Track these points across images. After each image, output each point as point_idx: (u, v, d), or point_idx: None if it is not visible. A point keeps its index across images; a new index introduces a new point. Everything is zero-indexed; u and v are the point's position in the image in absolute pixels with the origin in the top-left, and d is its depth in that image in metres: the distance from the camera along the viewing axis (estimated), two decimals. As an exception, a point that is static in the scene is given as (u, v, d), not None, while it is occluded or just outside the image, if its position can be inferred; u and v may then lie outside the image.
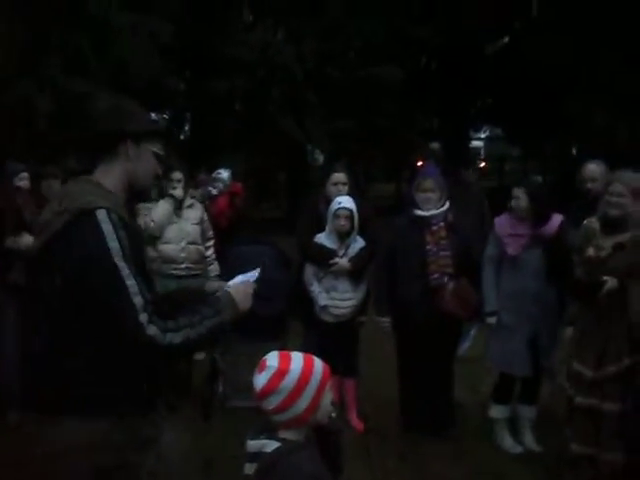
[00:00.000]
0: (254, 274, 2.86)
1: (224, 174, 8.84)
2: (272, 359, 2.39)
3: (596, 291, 4.24)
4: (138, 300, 2.40)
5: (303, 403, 2.35)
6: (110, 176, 2.64)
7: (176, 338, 2.44)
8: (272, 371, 2.35)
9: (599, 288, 4.22)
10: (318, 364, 2.42)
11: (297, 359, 2.40)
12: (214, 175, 8.87)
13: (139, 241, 2.67)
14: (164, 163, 2.81)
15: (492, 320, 5.26)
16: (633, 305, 4.21)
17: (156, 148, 2.73)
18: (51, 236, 2.48)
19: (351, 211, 5.56)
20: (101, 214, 2.45)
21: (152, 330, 2.39)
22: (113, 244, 2.42)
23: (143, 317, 2.39)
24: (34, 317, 2.59)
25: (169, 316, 2.49)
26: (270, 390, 2.34)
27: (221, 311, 2.59)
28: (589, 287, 4.32)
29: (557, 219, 5.13)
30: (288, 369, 2.35)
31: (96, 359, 2.48)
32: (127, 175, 2.66)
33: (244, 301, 2.69)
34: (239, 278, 2.82)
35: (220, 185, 8.65)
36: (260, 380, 2.36)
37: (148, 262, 2.88)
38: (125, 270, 2.41)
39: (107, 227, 2.43)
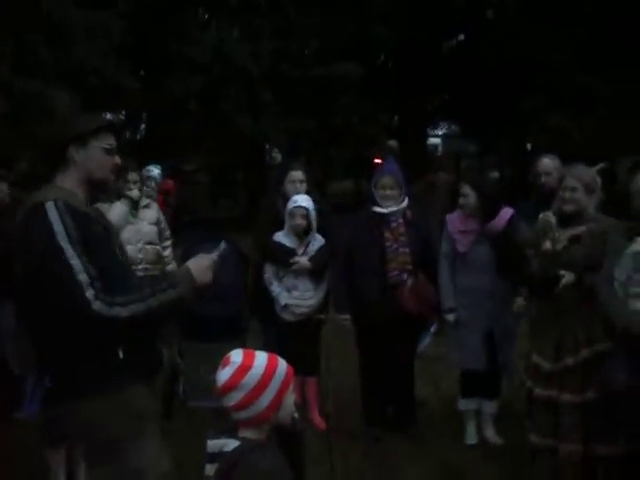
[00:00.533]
0: (216, 252, 2.92)
1: (154, 171, 8.45)
2: (236, 355, 2.38)
3: (553, 285, 4.27)
4: (83, 277, 2.56)
5: (265, 401, 2.34)
6: (68, 179, 2.82)
7: (123, 312, 2.57)
8: (235, 367, 2.34)
9: (556, 282, 4.25)
10: (282, 363, 2.42)
11: (261, 357, 2.40)
12: (144, 173, 8.11)
13: (94, 227, 2.78)
14: (118, 154, 2.95)
15: (450, 317, 5.29)
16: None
17: (105, 143, 2.88)
18: (14, 231, 2.75)
19: (307, 209, 5.53)
20: (49, 204, 2.65)
21: (97, 305, 2.53)
22: (58, 228, 2.60)
23: (89, 293, 2.54)
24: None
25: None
26: (232, 386, 2.33)
27: (176, 284, 2.71)
28: (545, 281, 4.35)
29: (506, 214, 5.13)
30: (251, 365, 2.35)
31: (65, 339, 2.66)
32: (83, 175, 2.84)
33: (203, 274, 2.78)
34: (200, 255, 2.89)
35: (151, 184, 8.07)
36: (223, 375, 2.35)
37: (119, 248, 3.00)
38: (69, 251, 2.57)
39: (53, 214, 2.62)
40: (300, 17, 16.54)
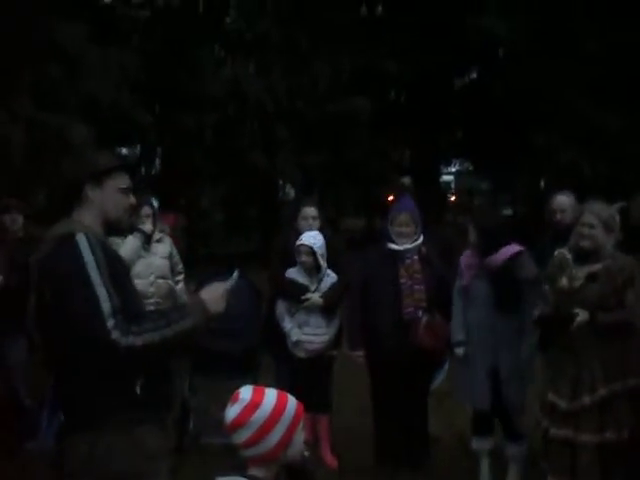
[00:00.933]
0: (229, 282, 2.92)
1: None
2: (245, 392, 2.36)
3: (567, 324, 4.23)
4: (106, 306, 2.59)
5: (274, 438, 2.31)
6: (85, 216, 2.87)
7: (137, 341, 2.59)
8: (244, 404, 2.32)
9: (570, 321, 4.22)
10: (292, 401, 2.40)
11: (270, 394, 2.38)
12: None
13: (118, 262, 2.87)
14: (134, 194, 3.00)
15: (459, 351, 5.21)
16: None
17: (120, 184, 2.94)
18: (40, 261, 2.77)
19: (311, 247, 5.52)
20: (80, 236, 2.71)
21: (116, 334, 2.56)
22: (88, 258, 2.66)
23: (110, 323, 2.57)
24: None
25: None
26: (240, 423, 2.31)
27: (189, 314, 2.73)
28: (559, 320, 4.32)
29: (508, 250, 5.06)
30: (260, 402, 2.33)
31: (83, 369, 2.68)
32: (98, 214, 2.89)
33: (215, 304, 2.79)
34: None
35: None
36: (231, 412, 2.33)
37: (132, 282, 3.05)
38: (97, 280, 2.62)
39: (84, 245, 2.69)
40: (313, 53, 16.68)
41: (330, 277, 5.67)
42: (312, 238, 5.55)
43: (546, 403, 4.46)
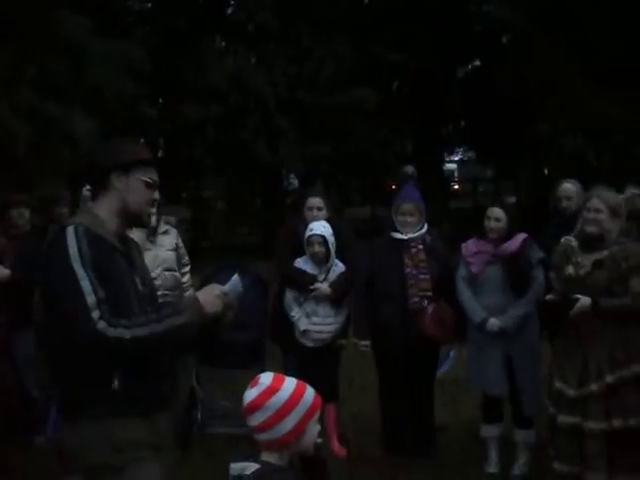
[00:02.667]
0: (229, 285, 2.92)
1: None
2: (266, 377, 2.43)
3: (568, 310, 4.24)
4: (91, 299, 2.58)
5: (288, 425, 2.36)
6: (103, 207, 2.86)
7: (127, 334, 2.57)
8: (263, 387, 2.38)
9: (571, 307, 4.23)
10: (310, 392, 2.44)
11: (290, 382, 2.43)
12: None
13: (114, 258, 2.79)
14: (157, 189, 2.98)
15: (491, 325, 5.12)
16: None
17: (146, 176, 2.90)
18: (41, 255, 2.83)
19: (324, 237, 5.53)
20: (69, 228, 2.70)
21: (101, 325, 2.55)
22: (72, 251, 2.64)
23: (95, 314, 2.56)
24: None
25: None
26: (258, 405, 2.36)
27: (182, 311, 2.72)
28: (561, 307, 4.32)
29: (520, 237, 5.15)
30: (279, 388, 2.39)
31: (69, 362, 2.71)
32: (119, 204, 2.86)
33: (211, 303, 2.77)
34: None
35: None
36: (250, 395, 2.39)
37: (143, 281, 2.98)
38: (80, 272, 2.61)
39: (71, 237, 2.66)
40: (315, 43, 16.65)
41: (338, 267, 5.68)
42: (322, 227, 5.55)
43: (553, 390, 4.47)
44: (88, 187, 4.38)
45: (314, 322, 5.60)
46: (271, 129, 16.19)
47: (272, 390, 2.37)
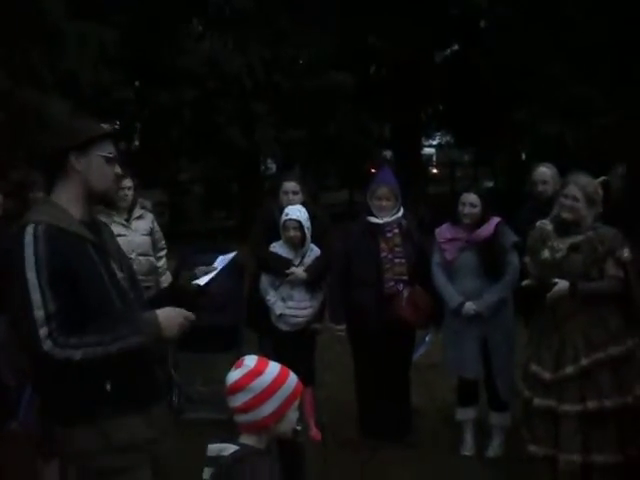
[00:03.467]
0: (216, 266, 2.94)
1: None
2: (250, 360, 2.44)
3: (546, 294, 4.27)
4: (39, 314, 2.44)
5: (268, 408, 2.38)
6: (65, 193, 2.70)
7: (76, 355, 2.46)
8: (246, 369, 2.40)
9: (548, 291, 4.26)
10: (293, 378, 2.46)
11: (274, 366, 2.45)
12: None
13: (85, 254, 2.63)
14: (119, 163, 2.84)
15: (468, 309, 5.13)
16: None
17: (106, 152, 2.75)
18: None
19: (299, 221, 5.52)
20: (28, 229, 2.54)
21: (48, 345, 2.43)
22: (27, 255, 2.49)
23: (42, 331, 2.43)
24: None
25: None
26: (240, 387, 2.38)
27: (139, 332, 2.60)
28: (538, 291, 4.35)
29: (493, 222, 5.18)
30: (262, 371, 2.40)
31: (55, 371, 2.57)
32: (82, 187, 2.70)
33: (170, 328, 2.66)
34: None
35: None
36: (233, 376, 2.41)
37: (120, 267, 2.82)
38: (32, 281, 2.46)
39: (28, 239, 2.51)
40: (292, 27, 16.55)
41: (314, 251, 5.67)
42: (298, 212, 5.54)
43: (529, 374, 4.50)
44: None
45: (289, 306, 5.60)
46: (247, 113, 16.09)
47: (256, 373, 2.39)
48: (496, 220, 5.20)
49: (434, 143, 32.63)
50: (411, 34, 16.83)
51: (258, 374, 2.39)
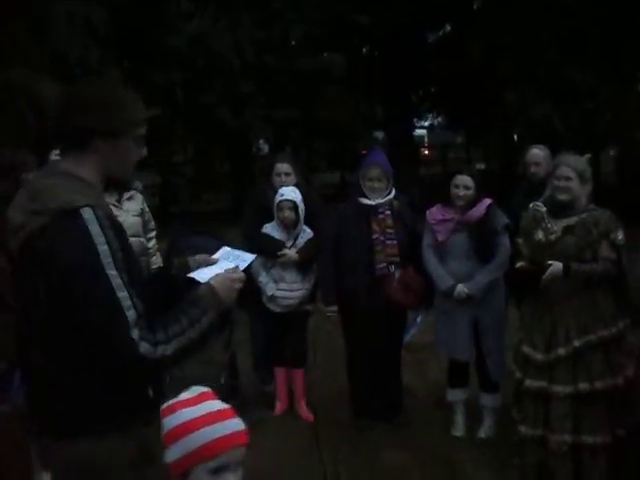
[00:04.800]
0: (240, 259, 2.66)
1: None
2: (192, 391, 2.09)
3: (540, 276, 4.27)
4: (131, 314, 2.14)
5: (170, 454, 2.00)
6: (82, 166, 2.31)
7: (168, 349, 2.19)
8: (173, 401, 2.07)
9: (543, 272, 4.26)
10: (216, 430, 1.97)
11: (198, 408, 2.02)
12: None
13: (126, 239, 2.34)
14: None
15: (459, 291, 5.12)
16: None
17: (138, 133, 2.44)
18: (28, 242, 2.20)
19: (294, 202, 5.50)
20: (87, 213, 2.16)
21: (144, 347, 2.14)
22: (102, 247, 2.14)
23: (135, 333, 2.13)
24: (26, 332, 2.32)
25: (155, 314, 2.24)
26: (163, 415, 2.06)
27: (207, 310, 2.33)
28: (533, 272, 4.35)
29: (484, 203, 5.17)
30: (176, 410, 2.03)
31: (93, 372, 2.24)
32: (101, 167, 2.34)
33: (229, 296, 2.44)
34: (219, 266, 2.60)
35: None
36: (171, 400, 2.10)
37: (136, 259, 2.53)
38: (116, 279, 2.14)
39: (95, 228, 2.15)
40: (283, 7, 16.43)
41: (306, 233, 5.66)
42: (292, 192, 5.53)
43: (520, 355, 4.51)
44: (57, 152, 3.74)
45: (281, 287, 5.60)
46: (236, 94, 16.00)
47: (170, 409, 2.04)
48: (487, 202, 5.18)
49: (426, 125, 32.60)
50: (404, 15, 16.75)
51: (171, 412, 2.02)
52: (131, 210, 6.12)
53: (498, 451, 4.98)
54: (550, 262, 4.25)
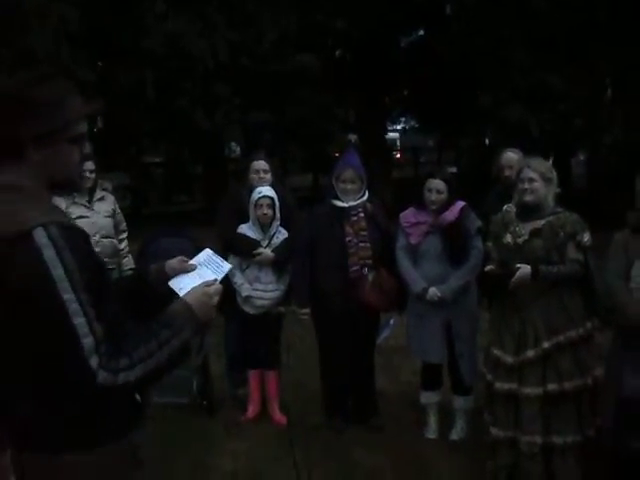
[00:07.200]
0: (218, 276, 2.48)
1: None
2: None
3: (509, 279, 4.30)
4: (88, 342, 1.97)
5: None
6: (24, 177, 2.09)
7: (131, 376, 2.04)
8: None
9: (512, 276, 4.29)
10: None
11: None
12: None
13: (89, 251, 2.12)
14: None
15: (432, 294, 5.12)
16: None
17: (76, 132, 2.17)
18: None
19: (272, 199, 5.50)
20: (39, 235, 1.96)
21: (102, 376, 1.99)
22: (57, 272, 1.96)
23: (93, 361, 1.98)
24: None
25: (127, 322, 2.15)
26: None
27: (180, 330, 2.17)
28: (502, 275, 4.38)
29: (457, 206, 5.19)
30: None
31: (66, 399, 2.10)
32: (42, 174, 2.12)
33: (206, 313, 2.26)
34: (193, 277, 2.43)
35: None
36: None
37: (104, 268, 2.28)
38: (73, 304, 1.97)
39: (48, 252, 1.96)
40: (257, 9, 16.39)
41: (282, 233, 5.66)
42: (269, 190, 5.52)
43: (490, 358, 4.54)
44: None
45: (256, 288, 5.58)
46: (209, 96, 15.95)
47: None
48: (461, 204, 5.21)
49: (398, 128, 32.70)
50: (377, 18, 16.80)
51: None
52: (102, 211, 6.08)
53: (470, 453, 5.01)
54: (519, 265, 4.29)
